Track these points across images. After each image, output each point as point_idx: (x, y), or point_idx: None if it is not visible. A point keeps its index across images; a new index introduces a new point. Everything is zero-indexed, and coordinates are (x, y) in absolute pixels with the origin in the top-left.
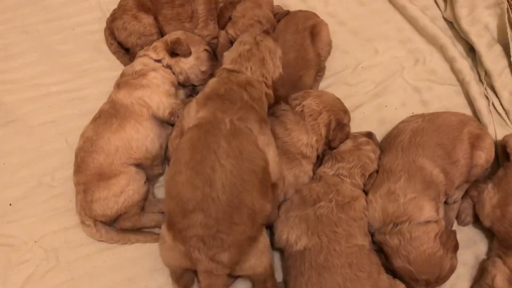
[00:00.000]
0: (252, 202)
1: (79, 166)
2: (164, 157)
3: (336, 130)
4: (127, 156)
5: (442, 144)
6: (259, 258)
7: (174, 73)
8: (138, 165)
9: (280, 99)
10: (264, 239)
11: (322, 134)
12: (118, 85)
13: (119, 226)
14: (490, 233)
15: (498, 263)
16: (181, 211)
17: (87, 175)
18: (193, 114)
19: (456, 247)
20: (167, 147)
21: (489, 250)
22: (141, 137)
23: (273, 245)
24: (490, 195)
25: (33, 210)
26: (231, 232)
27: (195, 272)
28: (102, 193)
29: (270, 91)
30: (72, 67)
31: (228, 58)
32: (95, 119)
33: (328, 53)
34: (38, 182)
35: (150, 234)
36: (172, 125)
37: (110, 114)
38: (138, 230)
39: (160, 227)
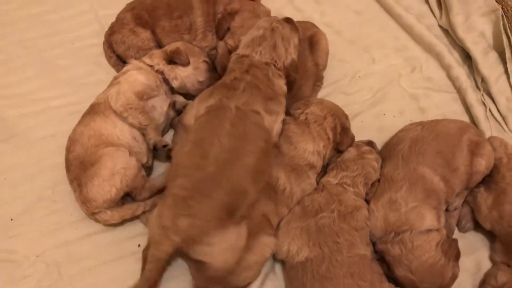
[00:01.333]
0: (237, 180)
1: (66, 166)
2: (147, 150)
3: (342, 134)
4: (99, 141)
5: (442, 152)
6: (223, 251)
7: (166, 79)
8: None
9: (291, 84)
10: (238, 235)
11: (330, 138)
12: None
13: (141, 200)
14: (491, 239)
15: (500, 265)
16: (173, 175)
17: (73, 170)
18: (197, 107)
19: (458, 256)
20: None
21: (491, 257)
22: (109, 127)
23: (275, 257)
24: (484, 198)
25: (34, 225)
26: (202, 202)
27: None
28: (94, 181)
29: (281, 73)
30: (72, 81)
31: (242, 43)
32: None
33: (326, 62)
34: (39, 196)
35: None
36: None
37: (85, 114)
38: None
39: None
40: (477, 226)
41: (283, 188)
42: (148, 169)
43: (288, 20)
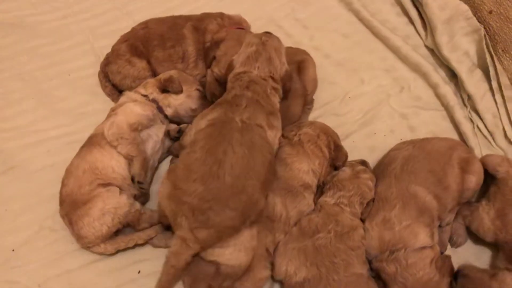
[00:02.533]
0: (253, 191)
1: (60, 199)
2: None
3: (336, 150)
4: (94, 177)
5: (433, 170)
6: (236, 252)
7: (161, 107)
8: (107, 185)
9: (287, 92)
10: (251, 237)
11: (326, 155)
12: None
13: (140, 230)
14: (484, 253)
15: (506, 273)
16: (185, 177)
17: (65, 206)
18: (196, 123)
19: (452, 271)
20: None
21: (493, 265)
22: (106, 159)
23: (273, 277)
24: (486, 210)
25: (35, 255)
26: (221, 214)
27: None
28: (84, 220)
29: (278, 86)
30: (69, 111)
31: (237, 62)
32: None
33: (313, 88)
34: (40, 226)
35: (157, 225)
36: None
37: (83, 145)
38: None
39: None
40: (469, 241)
41: (280, 214)
42: (145, 196)
43: (267, 33)
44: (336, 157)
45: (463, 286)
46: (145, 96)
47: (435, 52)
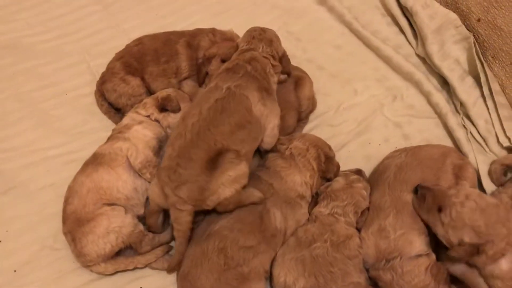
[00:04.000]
0: (213, 141)
1: (63, 217)
2: (144, 201)
3: (327, 162)
4: (98, 197)
5: (427, 177)
6: (226, 187)
7: (162, 127)
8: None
9: (286, 72)
10: (234, 170)
11: (315, 168)
12: (107, 139)
13: (142, 252)
14: None
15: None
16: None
17: (69, 224)
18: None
19: (447, 279)
20: None
21: None
22: (112, 179)
23: None
24: (503, 192)
25: (38, 275)
26: (187, 167)
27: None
28: (88, 237)
29: (278, 64)
30: (67, 130)
31: (243, 41)
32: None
33: (308, 106)
34: (41, 245)
35: (157, 249)
36: None
37: (87, 162)
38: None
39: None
40: None
41: (280, 227)
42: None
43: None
44: (327, 170)
45: (423, 195)
46: (147, 116)
47: (426, 60)
